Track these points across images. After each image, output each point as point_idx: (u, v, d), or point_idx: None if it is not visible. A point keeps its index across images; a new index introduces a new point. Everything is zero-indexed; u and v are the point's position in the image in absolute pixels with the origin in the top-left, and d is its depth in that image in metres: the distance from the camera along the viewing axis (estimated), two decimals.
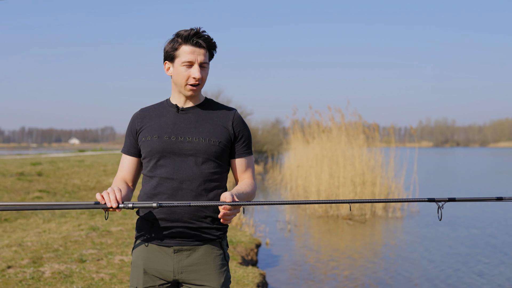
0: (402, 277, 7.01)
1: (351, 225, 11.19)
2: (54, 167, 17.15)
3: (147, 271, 2.25)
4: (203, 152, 2.24)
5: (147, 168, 2.29)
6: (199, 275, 2.24)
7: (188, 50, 2.23)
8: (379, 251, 8.86)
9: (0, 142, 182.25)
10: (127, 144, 2.38)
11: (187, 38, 2.23)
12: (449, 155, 66.30)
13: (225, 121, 2.33)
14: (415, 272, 7.27)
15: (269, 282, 6.47)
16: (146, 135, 2.29)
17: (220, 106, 2.39)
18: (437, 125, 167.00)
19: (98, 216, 9.14)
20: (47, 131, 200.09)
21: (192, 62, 2.23)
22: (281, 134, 37.20)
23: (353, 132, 14.14)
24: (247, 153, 2.38)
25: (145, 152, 2.28)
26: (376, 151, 13.90)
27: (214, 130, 2.29)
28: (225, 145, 2.29)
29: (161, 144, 2.24)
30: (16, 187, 12.17)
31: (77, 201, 11.32)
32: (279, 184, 19.57)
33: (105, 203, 2.04)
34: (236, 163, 2.37)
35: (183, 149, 2.24)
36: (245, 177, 2.39)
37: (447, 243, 9.26)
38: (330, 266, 7.67)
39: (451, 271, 7.35)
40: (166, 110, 2.34)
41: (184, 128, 2.28)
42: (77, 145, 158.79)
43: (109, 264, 5.73)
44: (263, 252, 8.31)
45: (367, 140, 14.22)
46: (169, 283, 2.26)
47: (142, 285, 2.24)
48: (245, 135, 2.37)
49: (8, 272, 5.29)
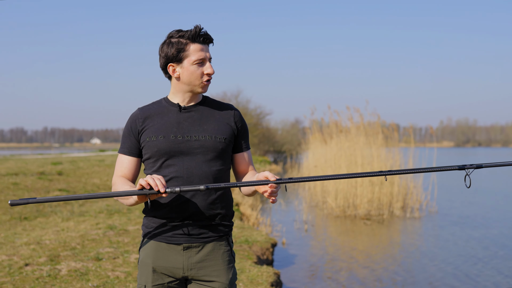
0: (420, 278, 6.95)
1: (368, 225, 11.12)
2: (74, 167, 17.36)
3: (156, 269, 2.26)
4: (211, 150, 2.26)
5: (153, 168, 2.28)
6: (208, 271, 2.26)
7: (198, 48, 2.25)
8: (396, 251, 8.79)
9: (23, 142, 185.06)
10: (127, 145, 2.34)
11: (194, 37, 2.25)
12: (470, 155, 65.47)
13: (228, 117, 2.36)
14: (433, 273, 7.20)
15: (284, 281, 6.46)
16: (150, 135, 2.28)
17: (219, 103, 2.41)
18: (459, 124, 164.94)
19: (116, 215, 9.23)
20: (69, 131, 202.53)
21: (204, 59, 2.26)
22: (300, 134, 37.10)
23: (371, 132, 14.06)
24: (247, 147, 2.44)
25: (151, 153, 2.27)
26: (395, 151, 13.80)
27: (219, 127, 2.31)
28: (230, 141, 2.33)
29: (168, 143, 2.24)
30: (37, 186, 12.34)
31: (95, 199, 11.43)
32: (297, 184, 19.54)
33: (151, 189, 2.00)
34: (240, 158, 2.41)
35: (191, 147, 2.25)
36: (250, 170, 2.44)
37: (466, 244, 9.16)
38: (347, 266, 7.64)
39: (470, 272, 7.27)
40: (168, 109, 2.33)
41: (189, 126, 2.29)
42: (99, 144, 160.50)
43: (124, 263, 5.78)
44: (279, 252, 8.30)
45: (386, 140, 14.13)
46: (177, 281, 2.28)
47: (151, 283, 2.25)
48: (245, 130, 2.43)
49: (25, 269, 5.37)
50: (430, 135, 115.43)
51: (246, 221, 10.44)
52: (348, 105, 15.86)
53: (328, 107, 19.86)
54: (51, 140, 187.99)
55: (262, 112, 40.68)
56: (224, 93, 39.98)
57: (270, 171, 2.27)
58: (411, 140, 14.67)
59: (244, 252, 6.79)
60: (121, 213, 9.41)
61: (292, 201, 15.29)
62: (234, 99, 39.53)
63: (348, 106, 15.40)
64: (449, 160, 46.24)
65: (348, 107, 15.85)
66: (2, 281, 4.94)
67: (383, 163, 13.29)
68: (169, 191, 1.99)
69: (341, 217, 12.20)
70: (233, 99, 39.45)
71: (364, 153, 13.48)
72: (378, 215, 12.30)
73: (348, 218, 12.12)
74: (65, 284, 4.95)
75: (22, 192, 11.42)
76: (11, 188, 11.65)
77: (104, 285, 4.95)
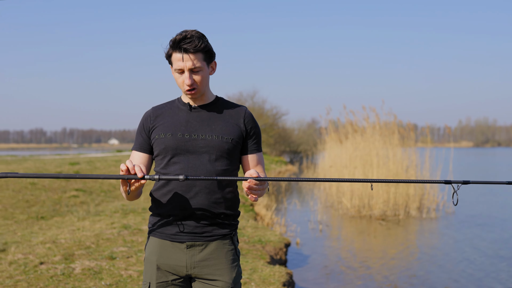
0: (436, 280, 6.89)
1: (384, 226, 11.05)
2: (91, 167, 17.51)
3: (160, 267, 2.28)
4: (216, 149, 2.27)
5: (160, 165, 2.32)
6: (211, 269, 2.27)
7: (177, 58, 2.22)
8: (412, 252, 8.72)
9: (42, 142, 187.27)
10: (139, 141, 2.39)
11: (174, 45, 2.22)
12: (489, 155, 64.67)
13: (237, 118, 2.35)
14: (449, 275, 7.13)
15: (296, 281, 6.45)
16: (159, 132, 2.32)
17: (231, 104, 2.41)
18: (478, 124, 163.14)
19: (131, 215, 9.29)
20: (88, 132, 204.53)
21: (182, 69, 2.23)
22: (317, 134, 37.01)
23: (387, 132, 13.96)
24: (258, 149, 2.41)
25: (159, 150, 2.30)
26: (411, 151, 13.69)
27: (227, 128, 2.31)
28: (237, 142, 2.32)
29: (175, 141, 2.27)
30: (54, 186, 12.47)
31: (111, 198, 11.53)
32: (313, 184, 19.48)
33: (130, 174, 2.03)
34: (248, 160, 2.39)
35: (197, 146, 2.26)
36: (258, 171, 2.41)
37: (483, 245, 9.05)
38: (362, 267, 7.60)
39: (486, 273, 7.18)
40: (179, 109, 2.37)
41: (197, 125, 2.30)
42: (116, 145, 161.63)
43: (138, 262, 5.82)
44: (293, 252, 8.29)
45: (402, 140, 14.02)
46: (181, 278, 2.29)
47: (155, 281, 2.27)
48: (256, 132, 2.40)
49: (40, 268, 5.43)
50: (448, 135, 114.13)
51: (261, 221, 10.44)
52: (364, 105, 15.79)
53: (344, 107, 19.76)
54: (70, 141, 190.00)
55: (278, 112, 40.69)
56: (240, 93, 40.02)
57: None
58: (427, 140, 14.56)
59: (257, 251, 6.79)
60: (136, 213, 9.47)
61: (307, 201, 15.25)
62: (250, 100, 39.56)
63: (364, 106, 15.33)
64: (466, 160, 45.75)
65: (364, 106, 15.79)
66: (17, 279, 5.01)
67: (399, 163, 13.19)
68: (147, 178, 2.03)
69: (356, 218, 12.14)
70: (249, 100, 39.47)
71: (380, 153, 13.39)
72: (394, 216, 12.21)
73: (364, 218, 12.05)
74: (79, 282, 5.00)
75: (39, 192, 11.55)
76: (29, 188, 11.80)
77: (117, 284, 4.99)
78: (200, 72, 2.26)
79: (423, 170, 13.43)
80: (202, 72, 2.27)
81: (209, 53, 2.28)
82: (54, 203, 10.63)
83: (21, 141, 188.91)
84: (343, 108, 23.32)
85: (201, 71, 2.26)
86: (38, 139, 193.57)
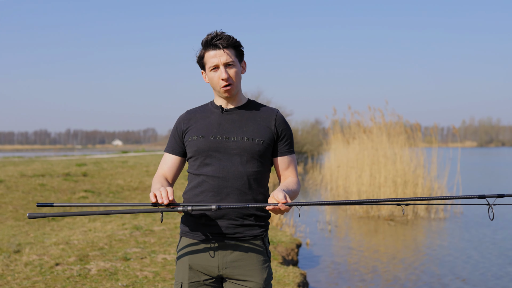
0: (445, 279, 6.90)
1: (392, 226, 11.07)
2: (98, 168, 17.57)
3: (192, 267, 2.31)
4: (248, 151, 2.30)
5: (193, 167, 2.36)
6: (242, 270, 2.30)
7: (211, 55, 2.32)
8: (421, 252, 8.74)
9: (47, 144, 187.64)
10: (172, 144, 2.45)
11: (206, 44, 2.33)
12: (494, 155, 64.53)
13: (268, 120, 2.39)
14: (459, 274, 7.15)
15: (309, 282, 6.48)
16: (192, 135, 2.36)
17: (263, 107, 2.45)
18: (481, 124, 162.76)
19: (141, 216, 9.33)
20: (91, 133, 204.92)
21: (217, 65, 2.31)
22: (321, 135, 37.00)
23: (394, 132, 13.98)
24: (290, 151, 2.43)
25: (192, 152, 2.35)
26: (418, 151, 13.69)
27: (258, 130, 2.34)
28: (268, 144, 2.35)
29: (207, 143, 2.31)
30: (63, 187, 12.53)
31: (120, 199, 11.57)
32: (319, 185, 19.50)
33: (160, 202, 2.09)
34: (279, 162, 2.42)
35: (229, 148, 2.30)
36: (288, 174, 2.43)
37: (492, 245, 9.06)
38: (371, 267, 7.62)
39: (496, 273, 7.19)
40: (211, 112, 2.42)
41: (229, 128, 2.34)
42: (120, 146, 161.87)
43: (152, 263, 5.85)
44: (304, 252, 8.32)
45: (409, 140, 14.03)
46: (213, 279, 2.33)
47: (188, 281, 2.31)
48: (287, 134, 2.42)
49: (56, 269, 5.47)
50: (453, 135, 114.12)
51: (270, 222, 10.46)
52: (369, 105, 15.81)
53: (349, 107, 19.81)
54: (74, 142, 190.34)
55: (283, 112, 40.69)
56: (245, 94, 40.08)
57: None
58: (433, 140, 14.56)
59: None
60: (146, 214, 9.51)
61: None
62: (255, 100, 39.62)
63: (369, 106, 15.36)
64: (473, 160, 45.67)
65: (369, 107, 15.82)
66: (35, 280, 5.05)
67: (406, 163, 13.20)
68: (180, 210, 2.08)
69: (365, 218, 12.16)
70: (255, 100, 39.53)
71: (387, 153, 13.40)
72: (402, 216, 12.22)
73: (372, 219, 12.07)
74: (95, 283, 5.04)
75: (49, 193, 11.60)
76: (38, 189, 11.86)
77: (134, 285, 5.02)
78: (234, 67, 2.33)
79: (430, 171, 13.43)
80: (235, 68, 2.34)
81: (240, 49, 2.37)
82: None
83: (25, 142, 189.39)
84: (348, 108, 23.36)
85: (235, 66, 2.33)
86: (42, 140, 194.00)
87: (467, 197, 2.15)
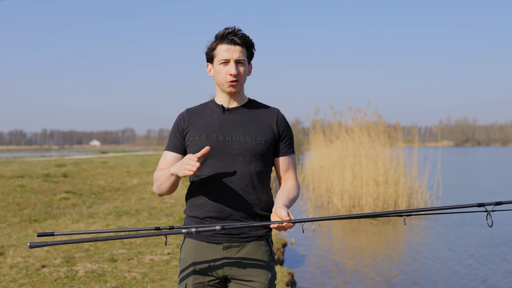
0: (426, 278, 7.00)
1: (374, 225, 11.17)
2: (78, 169, 17.39)
3: (197, 268, 2.31)
4: (251, 151, 2.30)
5: None
6: (248, 271, 2.30)
7: (223, 49, 2.32)
8: (403, 250, 8.84)
9: (22, 144, 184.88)
10: (173, 142, 2.42)
11: (222, 37, 2.32)
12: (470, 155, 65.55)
13: (270, 120, 2.39)
14: (439, 272, 7.25)
15: (297, 281, 6.51)
16: (193, 134, 2.35)
17: (264, 106, 2.46)
18: (458, 124, 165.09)
19: (125, 217, 9.27)
20: (68, 133, 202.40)
21: (228, 60, 2.31)
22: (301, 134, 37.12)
23: (375, 132, 14.10)
24: (290, 152, 2.44)
25: (193, 151, 2.32)
26: (399, 150, 13.84)
27: (260, 130, 2.35)
28: (270, 144, 2.36)
29: (209, 143, 2.29)
30: (43, 188, 12.37)
31: (102, 200, 11.46)
32: (301, 185, 19.58)
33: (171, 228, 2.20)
34: (279, 162, 2.42)
35: (231, 148, 2.30)
36: (288, 176, 2.44)
37: (472, 243, 9.21)
38: (355, 265, 7.69)
39: (475, 272, 7.32)
40: (212, 111, 2.41)
41: (231, 127, 2.34)
42: (98, 146, 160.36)
43: (139, 264, 5.82)
44: (289, 252, 8.35)
45: (389, 140, 14.17)
46: (218, 279, 2.32)
47: (192, 282, 2.30)
48: (288, 134, 2.43)
49: (43, 271, 5.41)
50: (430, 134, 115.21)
51: None
52: (350, 105, 15.95)
53: (331, 107, 19.96)
54: (50, 142, 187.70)
55: None
56: None
57: None
58: (414, 139, 14.73)
59: None
60: (129, 215, 9.45)
61: (297, 201, 15.33)
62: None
63: (350, 106, 15.47)
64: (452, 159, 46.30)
65: (350, 107, 15.94)
66: (22, 282, 4.99)
67: (388, 163, 13.32)
68: (184, 232, 2.09)
69: None
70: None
71: (368, 153, 13.51)
72: None
73: None
74: (84, 285, 4.99)
75: (29, 194, 11.44)
76: (18, 191, 11.68)
77: (122, 286, 5.00)
78: (243, 66, 2.34)
79: (411, 170, 13.58)
80: (244, 67, 2.35)
81: (251, 51, 2.39)
82: (46, 206, 10.54)
83: (0, 142, 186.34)
84: (330, 108, 23.50)
85: (244, 65, 2.35)
86: (18, 141, 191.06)
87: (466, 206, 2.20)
